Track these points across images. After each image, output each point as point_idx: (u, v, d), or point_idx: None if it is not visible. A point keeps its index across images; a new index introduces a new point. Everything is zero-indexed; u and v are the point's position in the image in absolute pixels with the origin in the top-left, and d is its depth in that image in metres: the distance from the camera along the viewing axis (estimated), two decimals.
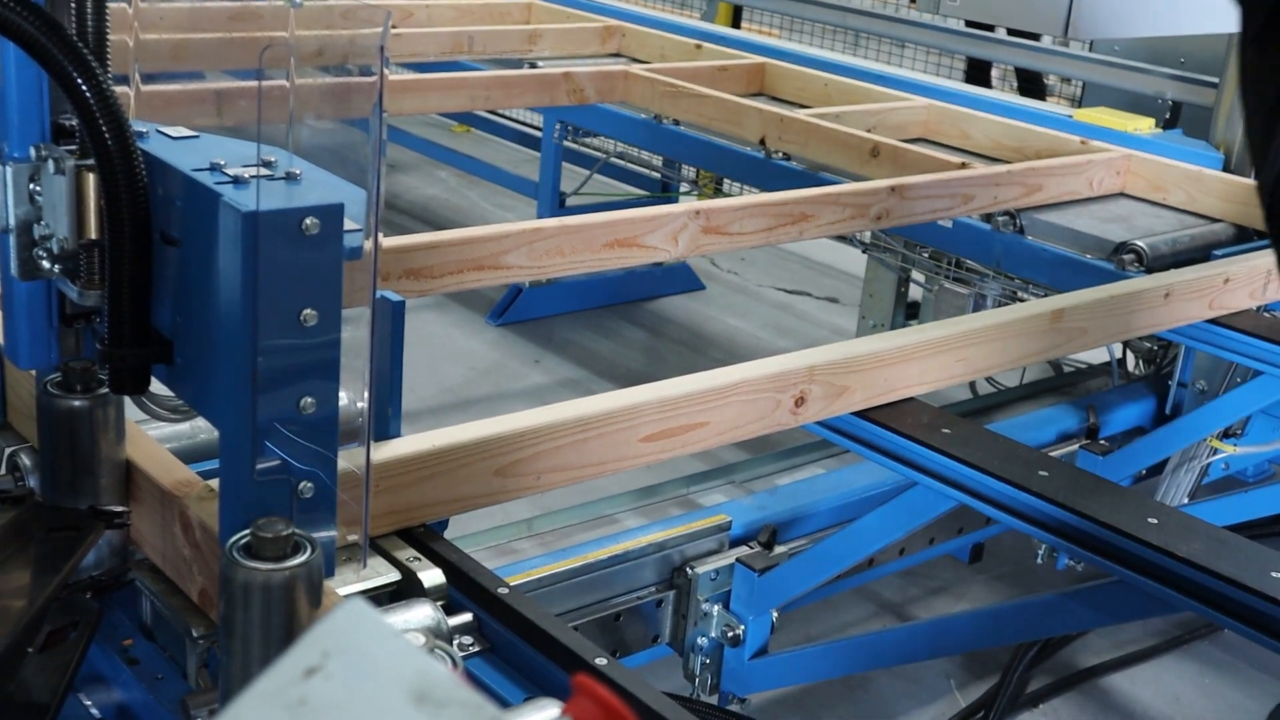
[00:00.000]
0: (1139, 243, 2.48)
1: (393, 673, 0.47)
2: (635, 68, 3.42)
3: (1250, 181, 2.85)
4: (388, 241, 1.89)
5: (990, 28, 4.08)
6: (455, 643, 1.22)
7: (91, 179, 1.07)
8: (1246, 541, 1.62)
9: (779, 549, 1.94)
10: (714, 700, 1.99)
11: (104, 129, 1.00)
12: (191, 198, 1.02)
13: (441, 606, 1.20)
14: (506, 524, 1.99)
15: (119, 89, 1.04)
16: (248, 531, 0.97)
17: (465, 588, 1.29)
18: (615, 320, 4.17)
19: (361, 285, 1.08)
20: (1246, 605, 1.53)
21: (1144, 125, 3.05)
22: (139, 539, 1.25)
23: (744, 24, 5.39)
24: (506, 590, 1.29)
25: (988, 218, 2.65)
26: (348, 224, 1.00)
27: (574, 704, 0.54)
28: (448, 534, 1.44)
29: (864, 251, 3.38)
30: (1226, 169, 2.94)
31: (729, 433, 1.66)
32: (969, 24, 4.20)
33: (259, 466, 1.00)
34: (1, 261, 1.15)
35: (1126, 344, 2.83)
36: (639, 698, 1.12)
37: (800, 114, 3.04)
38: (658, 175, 4.48)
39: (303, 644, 0.49)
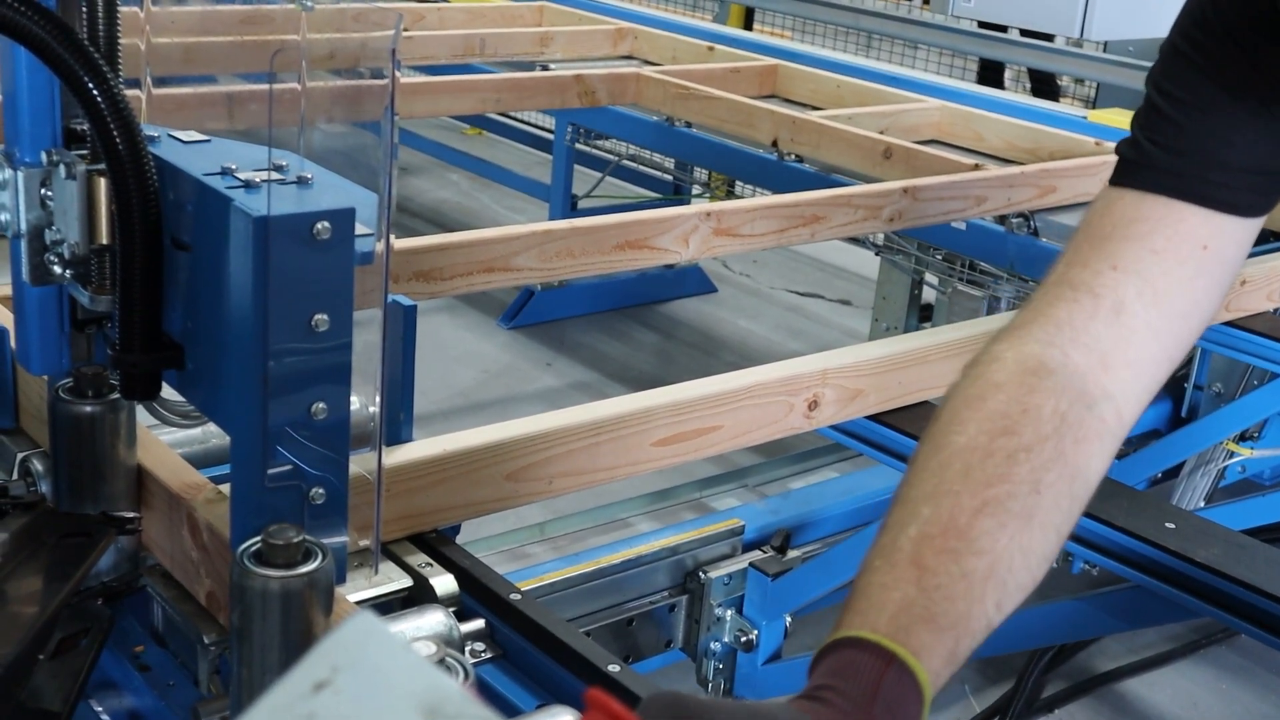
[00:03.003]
0: None
1: (402, 688, 0.47)
2: (647, 70, 3.41)
3: None
4: (397, 243, 1.89)
5: (1003, 29, 4.07)
6: (467, 649, 1.22)
7: (103, 184, 1.07)
8: (1265, 546, 1.61)
9: (792, 553, 1.93)
10: None
11: (115, 133, 1.00)
12: (203, 202, 1.01)
13: (453, 613, 1.19)
14: (518, 528, 1.99)
15: (130, 93, 1.04)
16: (258, 538, 0.97)
17: (477, 593, 1.29)
18: (627, 323, 4.17)
19: (372, 288, 1.08)
20: (1265, 611, 1.51)
21: None
22: (149, 543, 1.25)
23: (756, 26, 5.38)
24: (519, 596, 1.28)
25: (1001, 219, 2.64)
26: (359, 228, 0.99)
27: (587, 718, 0.54)
28: (459, 539, 1.43)
29: (876, 254, 3.37)
30: None
31: (742, 436, 1.65)
32: (981, 25, 4.19)
33: (270, 472, 0.99)
34: (13, 267, 1.15)
35: None
36: None
37: (812, 116, 3.03)
38: (670, 178, 4.47)
39: (312, 658, 0.48)
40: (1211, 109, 1.07)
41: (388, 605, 1.22)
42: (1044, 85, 4.90)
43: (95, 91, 0.99)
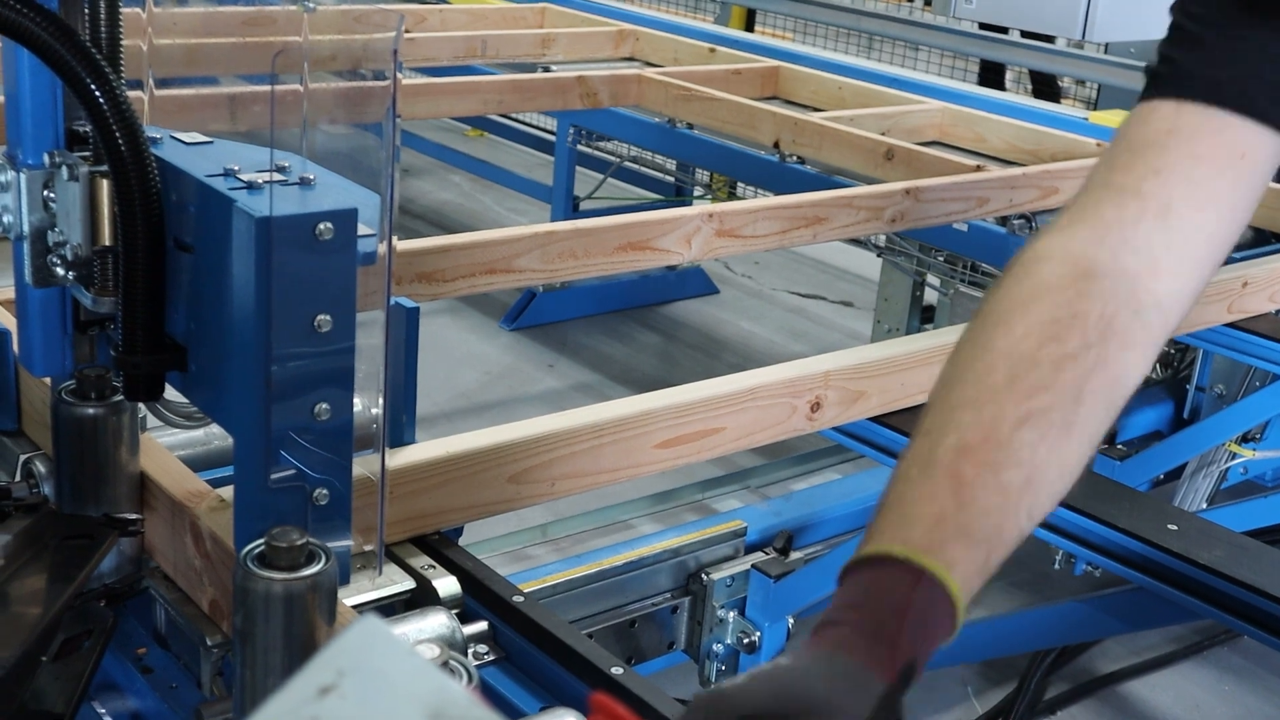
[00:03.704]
0: None
1: (408, 692, 0.47)
2: (649, 71, 3.41)
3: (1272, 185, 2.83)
4: (399, 245, 1.88)
5: (1004, 30, 4.07)
6: (470, 652, 1.22)
7: (105, 185, 1.07)
8: (1267, 548, 1.61)
9: (795, 555, 1.93)
10: None
11: (118, 135, 1.00)
12: (205, 203, 1.01)
13: (456, 615, 1.19)
14: (521, 530, 1.99)
15: (133, 94, 1.04)
16: (262, 541, 0.96)
17: (480, 596, 1.29)
18: (629, 324, 4.16)
19: (375, 290, 1.08)
20: (1267, 612, 1.51)
21: None
22: (151, 549, 1.25)
23: (757, 27, 5.38)
24: (521, 598, 1.28)
25: (1003, 221, 2.64)
26: (361, 229, 0.99)
27: None
28: (462, 540, 1.43)
29: (878, 255, 3.37)
30: None
31: (744, 438, 1.65)
32: (983, 26, 4.18)
33: (274, 475, 0.99)
34: (16, 268, 1.15)
35: None
36: (654, 706, 1.11)
37: (814, 117, 3.03)
38: (671, 179, 4.47)
39: (317, 662, 0.48)
40: (1240, 27, 1.06)
41: (391, 607, 1.22)
42: (1045, 87, 4.90)
43: (98, 93, 0.99)
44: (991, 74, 4.99)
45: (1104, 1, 3.28)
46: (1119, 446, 2.37)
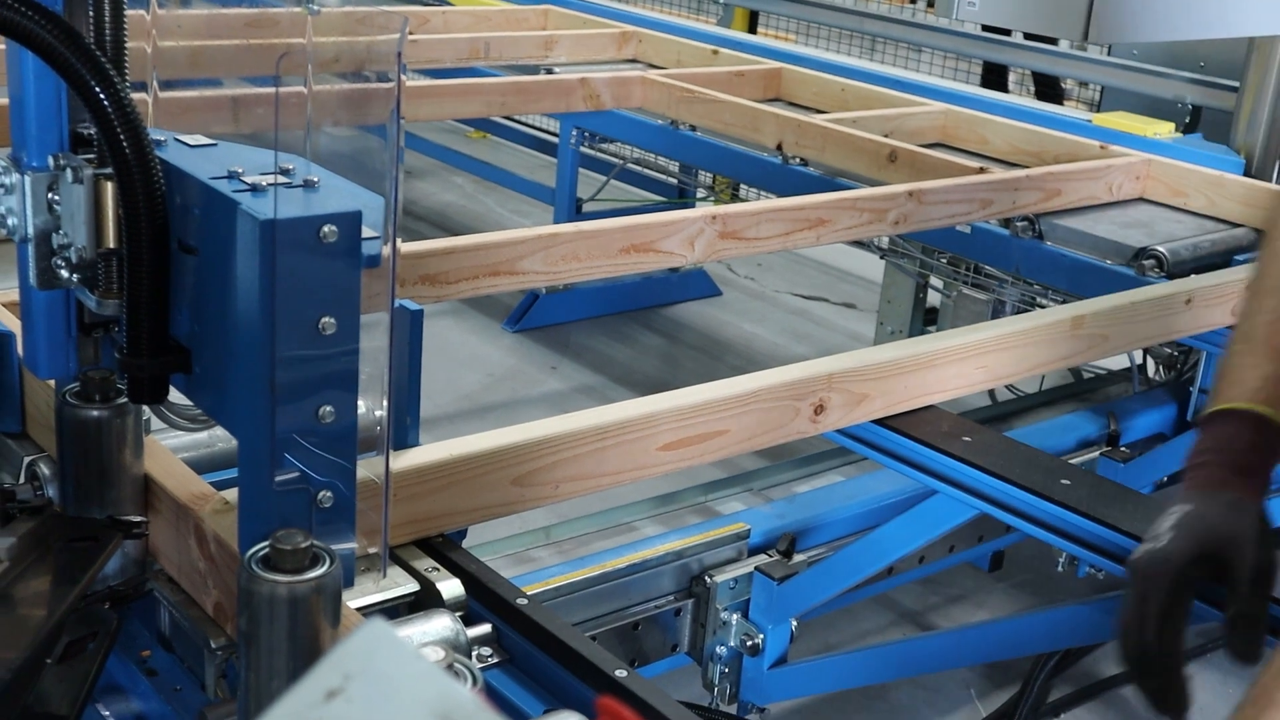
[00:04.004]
0: (1159, 248, 2.46)
1: (414, 695, 0.47)
2: (652, 73, 3.42)
3: (1273, 186, 2.83)
4: (403, 247, 1.89)
5: (1007, 32, 4.06)
6: (474, 654, 1.22)
7: (110, 188, 1.07)
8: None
9: (798, 557, 1.92)
10: (733, 709, 1.98)
11: (122, 138, 1.00)
12: (209, 206, 1.01)
13: (460, 617, 1.19)
14: (524, 532, 1.99)
15: (137, 96, 1.04)
16: (266, 543, 0.96)
17: (484, 598, 1.29)
18: (632, 326, 4.16)
19: (379, 292, 1.08)
20: (1270, 615, 1.51)
21: (1164, 130, 3.03)
22: (155, 551, 1.25)
23: (760, 29, 5.38)
24: (525, 601, 1.28)
25: (1006, 223, 2.64)
26: (365, 231, 0.99)
27: None
28: (465, 542, 1.43)
29: (881, 257, 3.37)
30: (1247, 173, 2.91)
31: (748, 441, 1.65)
32: (985, 28, 4.18)
33: (278, 478, 0.99)
34: (20, 271, 1.15)
35: (1147, 350, 2.81)
36: (657, 709, 1.11)
37: (817, 119, 3.03)
38: (674, 181, 4.47)
39: (324, 666, 0.48)
40: None
41: (395, 610, 1.22)
42: (1048, 88, 4.89)
43: (102, 95, 0.99)
44: (994, 76, 4.98)
45: (1107, 3, 3.27)
46: (1122, 449, 2.37)
